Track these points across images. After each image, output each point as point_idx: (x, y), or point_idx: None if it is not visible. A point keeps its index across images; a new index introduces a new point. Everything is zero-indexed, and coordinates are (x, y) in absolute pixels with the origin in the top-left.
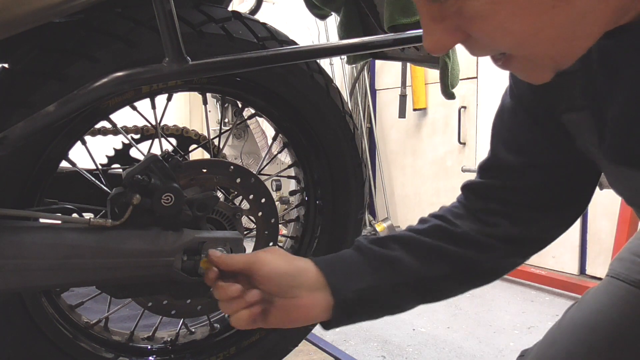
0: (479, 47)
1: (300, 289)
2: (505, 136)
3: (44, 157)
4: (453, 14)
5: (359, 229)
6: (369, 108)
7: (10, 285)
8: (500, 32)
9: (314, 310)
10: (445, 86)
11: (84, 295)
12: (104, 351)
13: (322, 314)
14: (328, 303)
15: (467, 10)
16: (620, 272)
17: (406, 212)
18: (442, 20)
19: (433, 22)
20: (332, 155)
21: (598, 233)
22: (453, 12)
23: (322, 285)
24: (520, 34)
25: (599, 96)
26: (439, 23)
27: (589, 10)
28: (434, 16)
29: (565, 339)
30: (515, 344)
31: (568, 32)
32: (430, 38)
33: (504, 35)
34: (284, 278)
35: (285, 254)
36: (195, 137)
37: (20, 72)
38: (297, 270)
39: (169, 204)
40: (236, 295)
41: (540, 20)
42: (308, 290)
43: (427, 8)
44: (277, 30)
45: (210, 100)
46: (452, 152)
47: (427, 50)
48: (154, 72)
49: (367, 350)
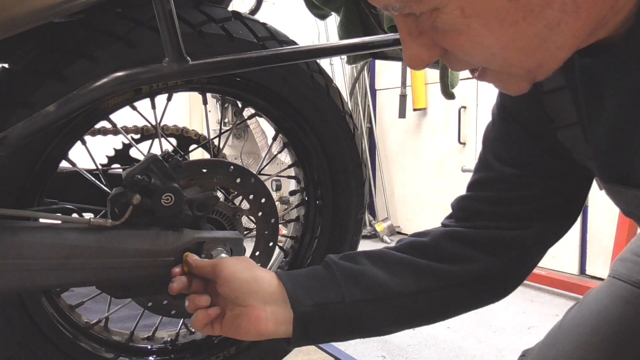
0: (457, 62)
1: (254, 298)
2: (499, 148)
3: (44, 157)
4: (429, 29)
5: (359, 229)
6: (369, 108)
7: (10, 285)
8: (474, 45)
9: (265, 324)
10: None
11: (84, 295)
12: (104, 351)
13: (277, 329)
14: (285, 317)
15: (440, 24)
16: (622, 273)
17: (406, 212)
18: (419, 35)
19: (410, 36)
20: (332, 155)
21: (598, 233)
22: (429, 26)
23: (281, 298)
24: (494, 47)
25: (584, 115)
26: (416, 38)
27: (560, 22)
28: (410, 31)
29: (566, 339)
30: (515, 344)
31: (540, 44)
32: (409, 52)
33: (477, 48)
34: (241, 283)
35: (251, 263)
36: (195, 137)
37: (20, 72)
38: (255, 278)
39: (169, 204)
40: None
41: (512, 32)
42: (262, 301)
43: (404, 23)
44: (277, 30)
45: (210, 100)
46: (452, 152)
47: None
48: (154, 72)
49: (367, 350)
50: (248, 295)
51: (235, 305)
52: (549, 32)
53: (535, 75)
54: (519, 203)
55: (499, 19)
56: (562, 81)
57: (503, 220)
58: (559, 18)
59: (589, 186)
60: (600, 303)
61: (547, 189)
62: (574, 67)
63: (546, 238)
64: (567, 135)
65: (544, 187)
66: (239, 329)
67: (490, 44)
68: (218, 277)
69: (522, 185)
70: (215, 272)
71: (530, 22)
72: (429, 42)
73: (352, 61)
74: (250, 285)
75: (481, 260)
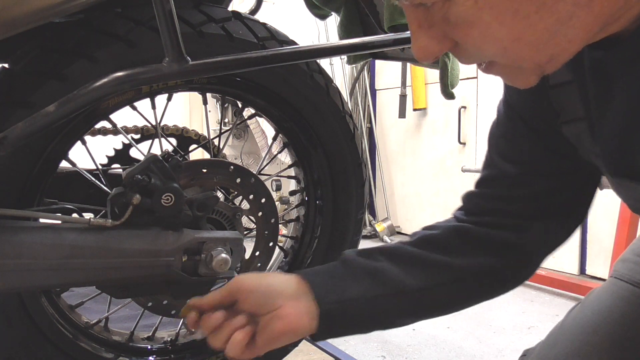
0: (467, 55)
1: (281, 297)
2: (503, 146)
3: (44, 157)
4: (440, 21)
5: (359, 229)
6: (369, 108)
7: (10, 285)
8: (485, 37)
9: (300, 319)
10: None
11: (84, 295)
12: (104, 351)
13: (308, 324)
14: (312, 311)
15: (452, 16)
16: (624, 273)
17: (406, 212)
18: (429, 27)
19: (420, 28)
20: (332, 155)
21: (598, 233)
22: (439, 18)
23: (305, 293)
24: (505, 40)
25: (592, 108)
26: (426, 30)
27: (572, 16)
28: (421, 22)
29: (567, 340)
30: (515, 344)
31: (552, 37)
32: (418, 44)
33: (489, 41)
34: (263, 290)
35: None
36: (195, 137)
37: (20, 72)
38: (274, 281)
39: (169, 204)
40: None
41: (524, 25)
42: (290, 298)
43: (414, 14)
44: (277, 30)
45: (210, 100)
46: (452, 152)
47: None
48: (154, 72)
49: (367, 350)
50: (274, 299)
51: (264, 315)
52: (561, 25)
53: (545, 69)
54: (520, 201)
55: (512, 11)
56: (568, 75)
57: (505, 217)
58: (572, 12)
59: (593, 190)
60: (602, 303)
61: (548, 189)
62: (582, 61)
63: (547, 240)
64: (573, 130)
65: (545, 186)
66: (274, 332)
67: (501, 37)
68: (238, 295)
69: (523, 183)
70: (231, 293)
71: (543, 16)
72: (439, 34)
73: (352, 61)
74: (273, 288)
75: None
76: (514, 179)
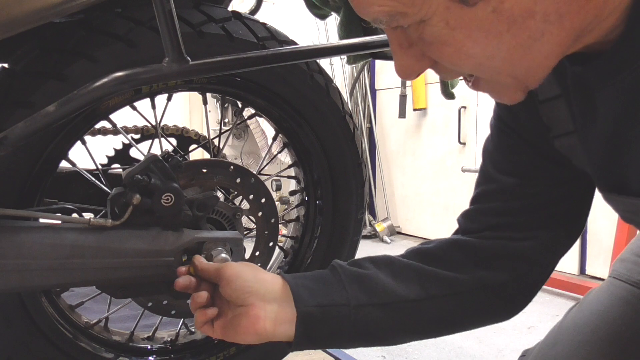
0: (446, 71)
1: (255, 297)
2: (499, 159)
3: (44, 157)
4: (418, 40)
5: (359, 229)
6: (369, 108)
7: (10, 285)
8: (460, 55)
9: (264, 322)
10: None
11: (84, 295)
12: (104, 351)
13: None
14: (286, 317)
15: (427, 36)
16: (622, 273)
17: (406, 212)
18: (409, 46)
19: (400, 48)
20: (332, 155)
21: (598, 233)
22: (417, 38)
23: (284, 298)
24: (479, 56)
25: (578, 123)
26: (406, 49)
27: (544, 32)
28: (400, 42)
29: (566, 340)
30: (515, 344)
31: (526, 53)
32: (399, 63)
33: (464, 58)
34: (243, 283)
35: (255, 267)
36: (195, 137)
37: (20, 72)
38: (257, 278)
39: (169, 204)
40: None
41: (496, 42)
42: (262, 300)
43: (394, 35)
44: (277, 30)
45: (210, 100)
46: (452, 152)
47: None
48: (154, 72)
49: (367, 350)
50: (249, 295)
51: (236, 306)
52: (534, 42)
53: (527, 84)
54: (523, 213)
55: (483, 30)
56: (557, 90)
57: (508, 231)
58: (543, 28)
59: (592, 194)
60: (601, 303)
61: (550, 198)
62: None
63: (553, 248)
64: (565, 144)
65: (547, 195)
66: (237, 329)
67: (475, 54)
68: (221, 279)
69: (524, 195)
70: (218, 274)
71: (514, 33)
72: (418, 53)
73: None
74: (252, 284)
75: (487, 269)
76: (513, 191)
